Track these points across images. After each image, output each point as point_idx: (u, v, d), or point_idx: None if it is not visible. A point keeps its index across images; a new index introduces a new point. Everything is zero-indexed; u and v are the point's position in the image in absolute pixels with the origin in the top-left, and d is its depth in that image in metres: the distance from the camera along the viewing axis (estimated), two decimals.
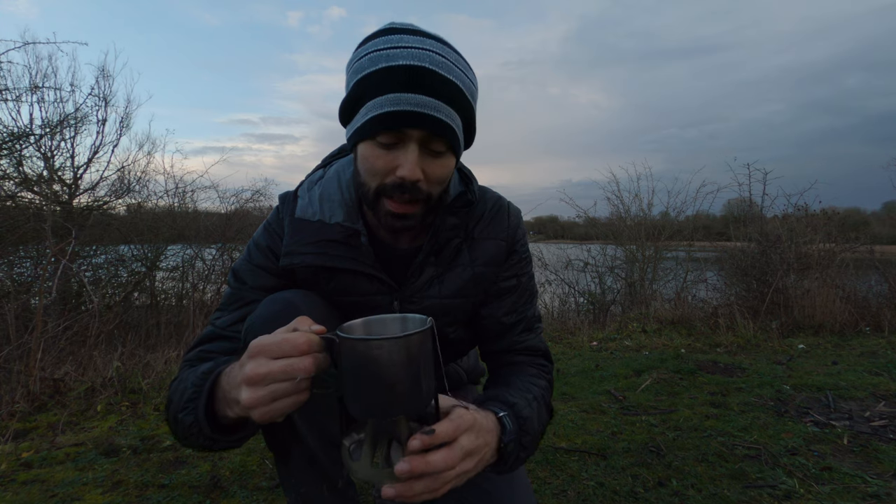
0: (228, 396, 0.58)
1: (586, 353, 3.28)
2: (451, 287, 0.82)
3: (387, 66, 0.64)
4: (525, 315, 0.89)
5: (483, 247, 0.84)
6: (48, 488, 1.46)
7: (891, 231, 7.48)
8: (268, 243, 0.82)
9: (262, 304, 0.75)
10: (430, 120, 0.65)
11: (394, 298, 0.82)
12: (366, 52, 0.67)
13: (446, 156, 0.70)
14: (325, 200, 0.81)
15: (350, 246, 0.79)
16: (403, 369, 0.49)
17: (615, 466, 1.54)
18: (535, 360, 0.88)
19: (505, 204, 0.89)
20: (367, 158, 0.69)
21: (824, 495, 1.33)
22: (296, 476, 0.82)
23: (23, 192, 4.18)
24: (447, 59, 0.67)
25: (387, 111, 0.64)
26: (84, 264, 4.37)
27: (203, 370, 0.63)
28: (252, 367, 0.51)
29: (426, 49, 0.65)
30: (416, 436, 0.50)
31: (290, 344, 0.51)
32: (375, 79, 0.65)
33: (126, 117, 4.90)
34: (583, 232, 7.47)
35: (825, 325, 3.62)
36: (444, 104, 0.66)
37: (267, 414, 0.52)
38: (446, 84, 0.66)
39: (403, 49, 0.65)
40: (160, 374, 2.52)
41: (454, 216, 0.80)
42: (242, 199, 5.55)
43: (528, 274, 0.91)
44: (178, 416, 0.62)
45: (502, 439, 0.64)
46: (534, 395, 0.76)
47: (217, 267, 4.83)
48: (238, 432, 0.64)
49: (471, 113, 0.72)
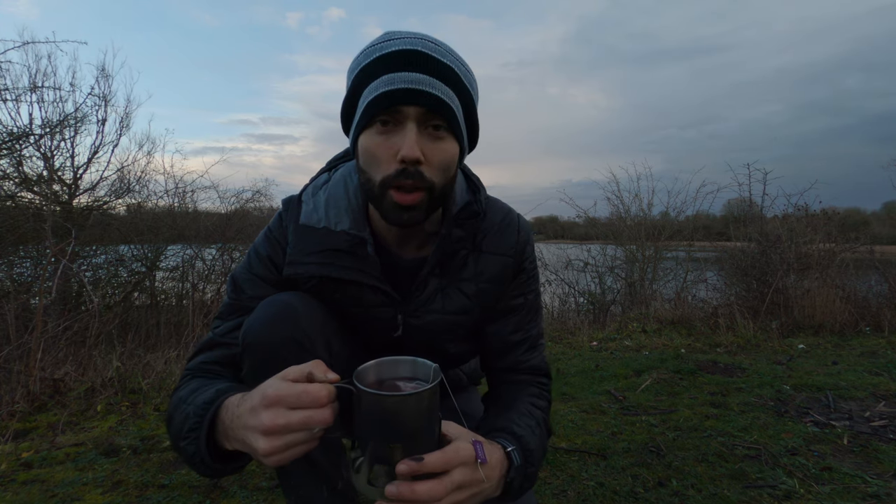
0: (230, 434, 0.57)
1: (586, 353, 3.28)
2: (455, 303, 0.81)
3: (380, 54, 0.65)
4: (530, 333, 0.88)
5: (489, 262, 0.82)
6: (48, 488, 1.46)
7: (891, 231, 7.49)
8: (268, 252, 0.80)
9: (260, 306, 0.74)
10: (426, 96, 0.63)
11: (397, 311, 0.80)
12: (362, 52, 0.69)
13: (447, 139, 0.68)
14: (332, 206, 0.78)
15: (356, 256, 0.77)
16: (418, 422, 0.52)
17: (615, 466, 1.54)
18: (536, 378, 0.87)
19: (515, 217, 0.87)
20: (368, 148, 0.68)
21: (824, 495, 1.33)
22: (296, 477, 0.82)
23: (23, 192, 4.19)
24: (440, 47, 0.67)
25: (381, 92, 0.64)
26: (84, 264, 4.38)
27: (203, 399, 0.62)
28: (270, 417, 0.50)
29: (419, 38, 0.66)
30: (405, 461, 0.51)
31: (310, 397, 0.50)
32: (370, 68, 0.66)
33: (126, 117, 4.91)
34: (583, 232, 7.47)
35: (825, 325, 3.62)
36: (440, 81, 0.65)
37: (279, 461, 0.52)
38: (440, 65, 0.66)
39: (397, 40, 0.66)
40: (160, 374, 2.52)
41: (460, 228, 0.78)
42: (242, 199, 5.56)
43: (535, 291, 0.90)
44: (179, 445, 0.62)
45: (508, 474, 0.64)
46: (537, 421, 0.76)
47: (217, 267, 4.83)
48: (238, 461, 0.64)
49: (470, 100, 0.71)
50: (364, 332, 0.84)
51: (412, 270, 0.80)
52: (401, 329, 0.81)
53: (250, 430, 0.53)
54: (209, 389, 0.65)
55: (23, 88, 4.17)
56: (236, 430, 0.56)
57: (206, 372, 0.75)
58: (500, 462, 0.63)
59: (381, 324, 0.81)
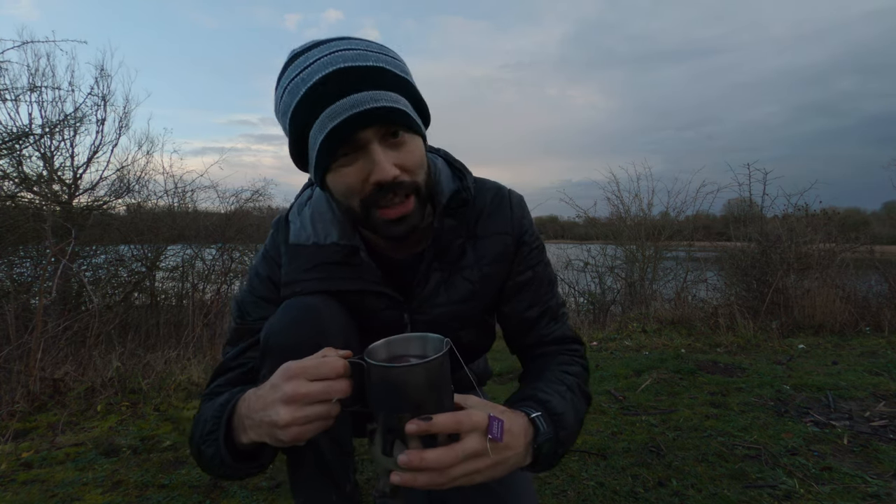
0: (247, 422, 0.59)
1: (586, 353, 3.28)
2: (460, 291, 0.80)
3: (306, 88, 0.62)
4: (549, 305, 0.85)
5: (488, 244, 0.81)
6: (48, 488, 1.46)
7: (891, 231, 7.49)
8: (267, 273, 0.80)
9: (281, 309, 0.73)
10: (374, 113, 0.61)
11: (403, 312, 0.80)
12: (283, 90, 0.65)
13: (411, 140, 0.67)
14: (318, 220, 0.78)
15: (351, 265, 0.76)
16: (427, 392, 0.53)
17: (615, 466, 1.54)
18: (565, 347, 0.85)
19: (506, 193, 0.84)
20: (339, 182, 0.66)
21: (824, 495, 1.33)
22: (305, 479, 0.83)
23: (23, 192, 4.19)
24: (357, 50, 0.64)
25: (330, 128, 0.61)
26: (84, 264, 4.38)
27: (220, 402, 0.65)
28: (293, 387, 0.53)
29: (334, 52, 0.63)
30: (413, 420, 0.51)
31: (328, 367, 0.54)
32: (304, 107, 0.62)
33: (125, 116, 4.91)
34: (583, 232, 7.47)
35: (825, 325, 3.61)
36: (381, 90, 0.62)
37: (299, 434, 0.54)
38: (370, 72, 0.63)
39: (314, 64, 0.62)
40: (160, 374, 2.52)
41: (452, 218, 0.77)
42: (242, 199, 5.57)
43: (544, 262, 0.87)
44: (200, 449, 0.64)
45: (536, 440, 0.63)
46: (567, 386, 0.74)
47: (217, 267, 4.83)
48: (257, 459, 0.65)
49: (410, 87, 0.68)
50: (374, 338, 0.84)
51: (410, 268, 0.80)
52: (409, 328, 0.81)
53: (271, 405, 0.55)
54: (223, 396, 0.67)
55: (22, 88, 4.18)
56: (256, 412, 0.58)
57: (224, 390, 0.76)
58: (524, 429, 0.61)
59: (388, 326, 0.81)
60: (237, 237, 5.03)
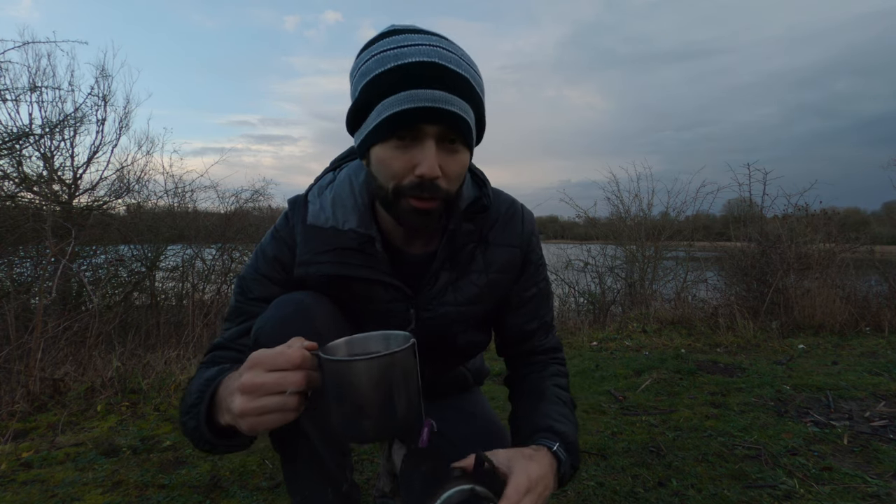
0: (222, 404, 0.60)
1: (586, 353, 3.28)
2: (466, 294, 0.83)
3: (396, 64, 0.63)
4: (545, 319, 0.92)
5: (497, 252, 0.84)
6: (48, 488, 1.46)
7: (891, 231, 7.49)
8: (275, 253, 0.81)
9: (272, 305, 0.74)
10: (447, 115, 0.64)
11: (409, 306, 0.81)
12: (371, 55, 0.66)
13: (462, 151, 0.69)
14: (338, 205, 0.79)
15: (365, 253, 0.77)
16: (369, 391, 0.51)
17: (615, 466, 1.54)
18: (553, 356, 0.93)
19: (518, 207, 0.89)
20: (384, 160, 0.67)
21: (824, 495, 1.33)
22: (301, 478, 0.83)
23: (23, 192, 4.18)
24: (455, 54, 0.66)
25: (403, 109, 0.63)
26: (84, 264, 4.37)
27: (207, 377, 0.65)
28: (248, 377, 0.54)
29: (434, 45, 0.65)
30: None
31: (284, 357, 0.53)
32: (386, 79, 0.64)
33: (125, 116, 4.90)
34: (583, 232, 7.46)
35: (825, 325, 3.61)
36: (458, 98, 0.65)
37: (254, 425, 0.54)
38: (458, 78, 0.65)
39: (411, 47, 0.64)
40: (160, 374, 2.52)
41: (470, 222, 0.80)
42: (242, 199, 5.56)
43: (545, 279, 0.93)
44: (183, 420, 0.65)
45: (559, 470, 0.70)
46: (565, 403, 0.83)
47: (217, 267, 4.83)
48: (236, 437, 0.65)
49: (481, 107, 0.72)
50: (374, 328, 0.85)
51: (421, 265, 0.82)
52: (413, 322, 0.82)
53: (231, 393, 0.56)
54: (214, 369, 0.68)
55: (22, 88, 4.17)
56: (224, 398, 0.59)
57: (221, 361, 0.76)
58: (551, 465, 0.69)
59: (392, 318, 0.82)
60: (237, 237, 5.02)
